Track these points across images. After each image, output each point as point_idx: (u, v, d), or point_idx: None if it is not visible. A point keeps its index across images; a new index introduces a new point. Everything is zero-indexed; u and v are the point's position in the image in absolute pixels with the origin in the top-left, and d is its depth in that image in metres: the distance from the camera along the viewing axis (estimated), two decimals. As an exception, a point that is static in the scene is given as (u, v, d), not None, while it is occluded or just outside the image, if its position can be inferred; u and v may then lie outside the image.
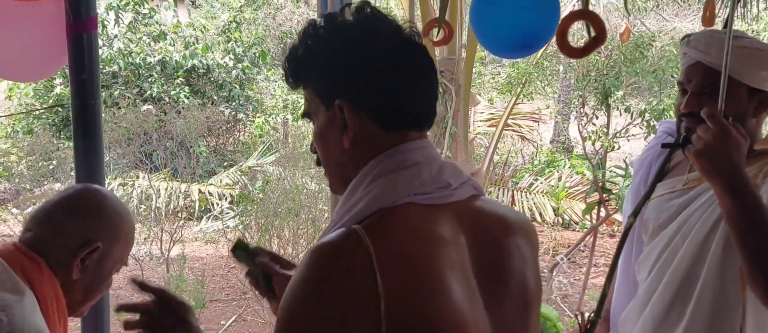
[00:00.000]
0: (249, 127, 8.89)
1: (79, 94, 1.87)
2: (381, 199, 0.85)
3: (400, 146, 0.89)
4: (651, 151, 1.68)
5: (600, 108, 4.55)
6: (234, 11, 9.20)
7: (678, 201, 1.49)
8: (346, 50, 0.88)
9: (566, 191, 7.12)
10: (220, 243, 6.17)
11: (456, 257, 0.86)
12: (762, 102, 1.39)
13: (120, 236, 1.26)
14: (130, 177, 6.41)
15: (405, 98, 0.89)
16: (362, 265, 0.78)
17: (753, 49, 1.37)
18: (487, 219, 0.93)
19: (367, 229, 0.82)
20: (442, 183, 0.89)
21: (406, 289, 0.80)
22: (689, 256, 1.42)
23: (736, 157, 1.23)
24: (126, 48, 7.90)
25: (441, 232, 0.86)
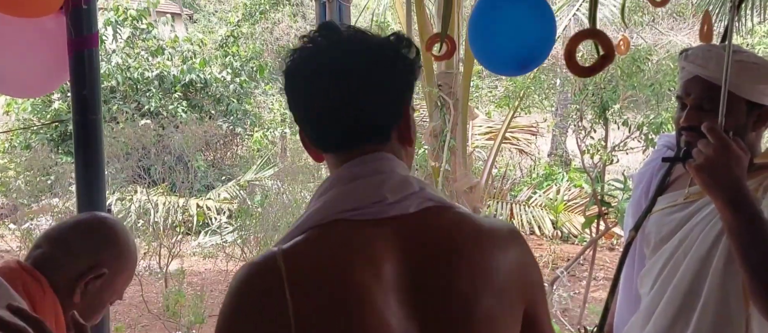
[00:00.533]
0: (247, 141, 8.89)
1: (80, 110, 1.88)
2: (314, 217, 0.89)
3: (345, 165, 0.91)
4: (651, 165, 1.68)
5: (598, 121, 4.57)
6: (231, 26, 9.25)
7: (679, 215, 1.49)
8: (285, 81, 0.93)
9: (565, 204, 7.12)
10: (218, 258, 6.15)
11: (384, 275, 0.85)
12: (761, 116, 1.40)
13: (125, 268, 1.28)
14: (128, 192, 6.39)
15: (325, 123, 0.91)
16: (274, 287, 0.82)
17: (751, 63, 1.37)
18: (436, 238, 0.89)
19: (287, 251, 0.85)
20: (377, 198, 0.88)
21: (319, 309, 0.82)
22: (691, 271, 1.42)
23: (737, 171, 1.23)
24: (124, 63, 7.92)
25: (368, 250, 0.85)
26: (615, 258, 6.58)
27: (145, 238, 5.62)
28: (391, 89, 0.91)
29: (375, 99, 0.90)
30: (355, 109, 0.89)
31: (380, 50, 0.90)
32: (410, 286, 0.86)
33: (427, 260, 0.87)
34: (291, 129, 8.55)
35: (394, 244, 0.87)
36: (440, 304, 0.86)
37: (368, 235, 0.87)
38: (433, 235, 0.90)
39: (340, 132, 0.91)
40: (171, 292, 5.19)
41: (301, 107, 0.92)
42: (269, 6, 10.36)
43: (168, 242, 5.62)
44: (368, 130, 0.91)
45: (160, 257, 5.47)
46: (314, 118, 0.92)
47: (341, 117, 0.90)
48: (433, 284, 0.87)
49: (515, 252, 0.94)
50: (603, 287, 5.72)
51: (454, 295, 0.87)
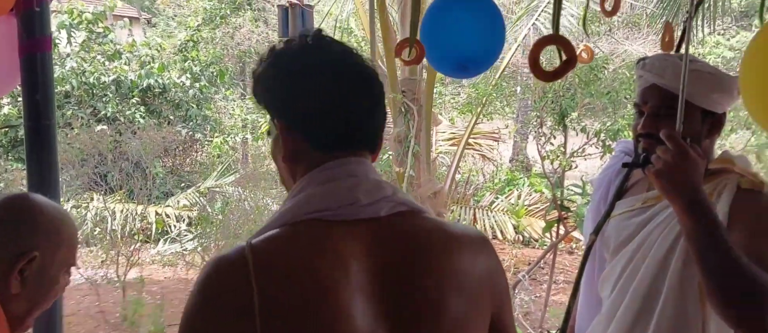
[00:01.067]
0: (207, 147, 8.75)
1: (33, 115, 1.81)
2: (287, 215, 0.90)
3: (326, 164, 0.92)
4: (610, 170, 1.71)
5: (557, 128, 4.66)
6: (191, 30, 9.10)
7: (637, 219, 1.52)
8: (282, 73, 0.93)
9: (526, 209, 7.23)
10: (178, 266, 6.02)
11: (354, 274, 0.85)
12: (715, 124, 1.44)
13: (60, 241, 1.21)
14: (84, 199, 6.21)
15: (336, 120, 0.92)
16: (240, 279, 0.82)
17: (706, 73, 1.41)
18: (407, 239, 0.91)
19: (256, 244, 0.86)
20: (350, 200, 0.89)
21: (284, 304, 0.82)
22: (650, 273, 1.45)
23: (694, 177, 1.26)
24: (79, 67, 7.71)
25: (339, 248, 0.87)
26: (574, 261, 6.72)
27: (103, 247, 5.47)
28: (381, 103, 0.97)
29: (376, 111, 0.96)
30: (365, 115, 0.94)
31: (371, 70, 0.96)
32: (379, 288, 0.87)
33: (397, 263, 0.88)
34: (252, 134, 8.46)
35: (364, 246, 0.88)
36: (409, 306, 0.87)
37: (338, 235, 0.88)
38: (404, 238, 0.91)
39: (349, 132, 0.93)
40: (129, 302, 5.06)
41: (307, 100, 0.92)
42: (230, 10, 10.24)
43: (126, 250, 5.48)
44: (369, 136, 0.96)
45: (118, 266, 5.32)
46: (324, 113, 0.92)
47: (355, 118, 0.93)
48: (402, 287, 0.88)
49: (485, 258, 0.95)
50: (563, 290, 5.82)
51: (422, 297, 0.88)
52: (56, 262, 1.20)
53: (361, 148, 0.95)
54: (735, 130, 7.03)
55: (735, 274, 1.20)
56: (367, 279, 0.86)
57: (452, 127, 8.33)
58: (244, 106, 9.10)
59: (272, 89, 0.94)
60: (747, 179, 1.37)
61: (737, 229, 1.29)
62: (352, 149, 0.94)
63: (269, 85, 0.94)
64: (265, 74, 0.95)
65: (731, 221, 1.32)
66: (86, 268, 5.23)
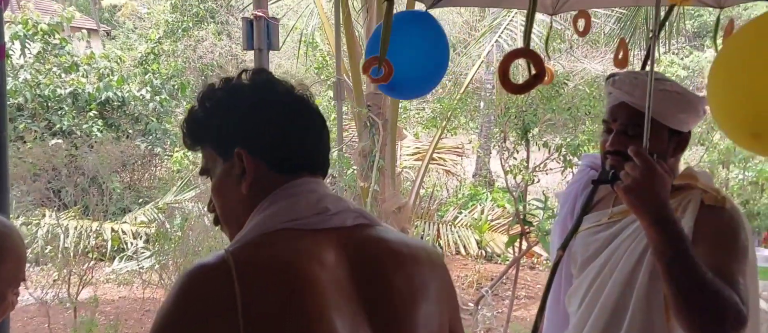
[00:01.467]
0: (166, 162, 8.56)
1: (-20, 126, 1.73)
2: (259, 227, 0.93)
3: (288, 184, 0.97)
4: (576, 185, 1.73)
5: (520, 143, 4.72)
6: (152, 43, 8.94)
7: (604, 234, 1.54)
8: (242, 103, 0.98)
9: (489, 224, 7.28)
10: (134, 285, 5.84)
11: (328, 275, 0.89)
12: (680, 143, 1.47)
13: (4, 259, 1.16)
14: (35, 216, 5.98)
15: (296, 145, 0.99)
16: (223, 283, 0.84)
17: (674, 92, 1.44)
18: (373, 248, 0.97)
19: (235, 250, 0.89)
20: (319, 209, 0.95)
21: (268, 303, 0.84)
22: (618, 287, 1.47)
23: (662, 193, 1.28)
24: (33, 79, 7.46)
25: (313, 251, 0.91)
26: (536, 276, 6.78)
27: (55, 265, 5.26)
28: (326, 129, 1.04)
29: (325, 141, 1.03)
30: (317, 142, 1.01)
31: (315, 106, 1.03)
32: (355, 286, 0.91)
33: (369, 267, 0.94)
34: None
35: (336, 252, 0.93)
36: (385, 305, 0.92)
37: (312, 241, 0.92)
38: (372, 246, 0.97)
39: (305, 156, 1.00)
40: (81, 323, 4.86)
41: (271, 129, 0.97)
42: (193, 23, 10.10)
43: (79, 269, 5.28)
44: (323, 161, 1.02)
45: (70, 285, 5.12)
46: (285, 138, 0.98)
47: (310, 144, 1.00)
48: (377, 287, 0.93)
49: (440, 271, 1.03)
50: (525, 306, 5.86)
51: (397, 300, 0.93)
52: (1, 281, 1.14)
53: (316, 169, 1.01)
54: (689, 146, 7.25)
55: (699, 288, 1.22)
56: (344, 276, 0.91)
57: (417, 141, 8.35)
58: (205, 121, 8.94)
59: (231, 119, 0.97)
60: (710, 195, 1.41)
61: (701, 244, 1.32)
62: (312, 172, 1.00)
63: (228, 115, 0.97)
64: (219, 107, 0.98)
65: (695, 236, 1.35)
66: (36, 287, 5.02)
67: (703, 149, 7.39)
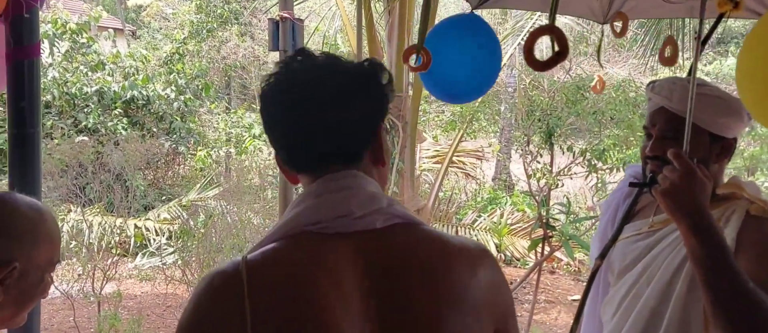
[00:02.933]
0: (190, 160, 8.67)
1: (17, 122, 1.79)
2: (281, 229, 0.91)
3: (317, 181, 0.93)
4: (618, 194, 1.71)
5: (544, 146, 4.69)
6: (177, 43, 9.07)
7: (644, 243, 1.51)
8: (262, 104, 0.96)
9: (508, 228, 7.24)
10: (157, 280, 5.92)
11: (345, 287, 0.86)
12: (724, 148, 1.44)
13: (39, 243, 1.16)
14: (62, 211, 6.09)
15: (295, 145, 0.93)
16: (234, 295, 0.84)
17: (713, 97, 1.42)
18: (399, 255, 0.89)
19: (251, 259, 0.88)
20: (342, 212, 0.89)
21: (276, 323, 0.83)
22: (655, 297, 1.44)
23: (700, 197, 1.25)
24: (61, 77, 7.61)
25: (331, 262, 0.87)
26: (557, 281, 6.73)
27: (80, 260, 5.36)
28: (363, 114, 0.92)
29: (346, 124, 0.91)
30: (326, 133, 0.91)
31: (353, 76, 0.92)
32: (374, 305, 0.86)
33: (391, 277, 0.87)
34: (236, 148, 8.40)
35: (357, 259, 0.87)
36: (403, 322, 0.86)
37: (333, 248, 0.88)
38: (399, 251, 0.90)
39: (311, 155, 0.93)
40: (105, 317, 4.95)
41: (275, 130, 0.94)
42: (217, 24, 10.22)
43: (103, 264, 5.37)
44: (339, 153, 0.93)
45: (94, 280, 5.22)
46: (287, 141, 0.94)
47: (313, 141, 0.92)
48: (397, 302, 0.86)
49: (486, 272, 0.93)
50: (544, 310, 5.83)
51: (419, 313, 0.86)
52: (38, 263, 1.16)
53: (337, 164, 0.92)
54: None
55: (739, 297, 1.19)
56: (361, 296, 0.85)
57: (436, 144, 8.35)
58: (228, 120, 9.04)
59: (262, 117, 0.97)
60: (756, 206, 1.37)
61: (744, 255, 1.29)
62: (326, 170, 0.92)
63: (262, 114, 0.96)
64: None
65: (738, 247, 1.31)
66: (61, 281, 5.11)
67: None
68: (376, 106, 0.94)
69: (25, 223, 1.16)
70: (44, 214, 1.20)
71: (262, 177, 6.87)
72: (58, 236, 1.23)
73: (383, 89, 0.94)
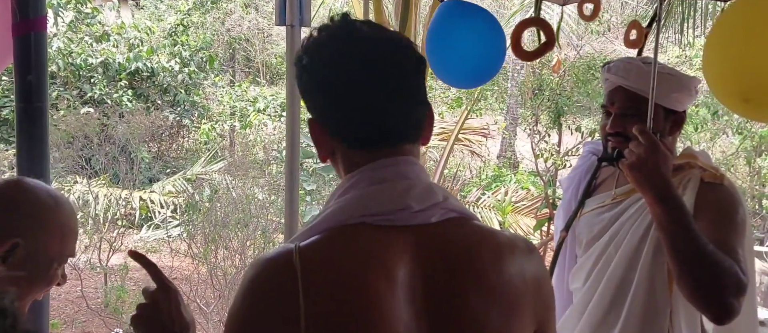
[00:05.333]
0: (194, 133, 8.66)
1: (25, 96, 1.77)
2: (336, 216, 0.86)
3: (371, 164, 0.88)
4: (578, 170, 1.80)
5: (553, 127, 4.65)
6: (181, 14, 8.98)
7: (609, 214, 1.60)
8: (310, 68, 0.88)
9: (512, 206, 7.25)
10: (162, 252, 5.96)
11: (400, 284, 0.83)
12: (676, 121, 1.53)
13: (50, 229, 1.15)
14: (67, 182, 6.12)
15: (364, 118, 0.87)
16: (287, 286, 0.80)
17: (666, 74, 1.50)
18: (454, 248, 0.87)
19: (304, 248, 0.83)
20: (402, 205, 0.85)
21: (330, 314, 0.80)
22: (623, 263, 1.53)
23: (665, 169, 1.34)
24: (66, 48, 7.58)
25: (387, 257, 0.84)
26: (560, 259, 6.75)
27: (86, 231, 5.39)
28: (422, 86, 0.90)
29: (414, 95, 0.88)
30: (399, 104, 0.87)
31: (406, 48, 0.88)
32: (424, 298, 0.84)
33: (443, 273, 0.85)
34: (241, 122, 8.38)
35: (413, 254, 0.85)
36: (452, 318, 0.85)
37: (388, 242, 0.85)
38: (452, 247, 0.87)
39: (381, 128, 0.87)
40: (112, 288, 5.00)
41: (332, 98, 0.87)
42: (221, -5, 10.13)
43: (108, 236, 5.41)
44: (408, 127, 0.89)
45: (100, 251, 5.26)
46: (352, 111, 0.87)
47: (386, 112, 0.87)
48: (447, 298, 0.85)
49: (532, 268, 0.92)
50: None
51: (466, 310, 0.85)
52: (47, 249, 1.14)
53: (402, 141, 0.89)
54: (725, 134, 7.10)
55: (702, 259, 1.29)
56: (413, 290, 0.84)
57: (442, 121, 8.32)
58: (232, 94, 9.00)
59: (301, 84, 0.89)
60: (709, 173, 1.48)
61: (701, 219, 1.38)
62: (391, 145, 0.88)
63: (300, 79, 0.89)
64: (296, 67, 0.89)
65: (696, 212, 1.40)
66: (69, 252, 5.16)
67: (740, 138, 7.25)
68: (424, 79, 0.91)
69: (36, 206, 1.14)
70: (62, 204, 1.19)
71: (266, 152, 6.87)
72: (74, 230, 1.21)
73: (424, 63, 0.92)
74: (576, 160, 1.97)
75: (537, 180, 7.90)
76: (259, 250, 4.68)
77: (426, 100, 0.91)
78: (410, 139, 0.90)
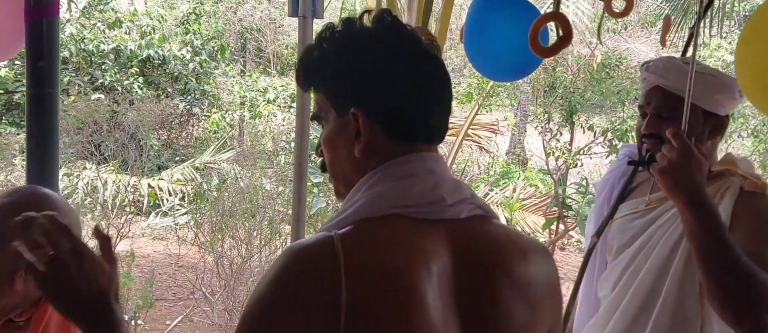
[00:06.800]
0: (204, 122, 8.68)
1: (36, 82, 1.77)
2: (368, 208, 0.85)
3: (404, 157, 0.88)
4: (613, 173, 1.73)
5: (565, 125, 4.61)
6: (194, 2, 8.99)
7: (641, 221, 1.54)
8: (362, 57, 0.88)
9: (520, 203, 7.21)
10: (169, 240, 5.98)
11: (435, 275, 0.83)
12: (716, 125, 1.46)
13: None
14: (77, 167, 6.15)
15: (416, 110, 0.89)
16: (329, 272, 0.78)
17: (707, 74, 1.44)
18: (484, 249, 0.88)
19: (345, 237, 0.81)
20: (434, 198, 0.86)
21: (372, 302, 0.79)
22: (652, 273, 1.47)
23: (698, 175, 1.28)
24: (79, 34, 7.60)
25: (423, 248, 0.84)
26: (566, 257, 6.73)
27: (94, 217, 5.42)
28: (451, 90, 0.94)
29: (450, 103, 0.93)
30: (443, 106, 0.91)
31: (437, 53, 0.92)
32: (456, 291, 0.85)
33: (474, 267, 0.86)
34: (250, 112, 8.39)
35: (445, 247, 0.86)
36: (482, 312, 0.86)
37: (423, 234, 0.85)
38: (480, 243, 0.89)
39: (426, 123, 0.90)
40: (119, 275, 5.01)
41: (390, 86, 0.87)
42: (234, -16, 10.12)
43: (116, 222, 5.43)
44: (443, 128, 0.93)
45: (109, 238, 5.27)
46: (409, 102, 0.88)
47: (433, 109, 0.90)
48: (478, 292, 0.86)
49: (548, 271, 0.94)
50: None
51: (495, 304, 0.86)
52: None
53: (436, 140, 0.92)
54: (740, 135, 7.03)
55: (733, 271, 1.22)
56: (447, 281, 0.84)
57: (451, 116, 8.27)
58: (243, 83, 9.00)
59: (349, 73, 0.88)
60: (750, 181, 1.40)
61: (739, 229, 1.32)
62: (428, 142, 0.90)
63: (346, 68, 0.88)
64: (338, 56, 0.88)
65: (733, 222, 1.35)
66: (76, 237, 5.18)
67: (755, 141, 7.17)
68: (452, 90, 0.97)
69: (69, 218, 1.16)
70: (72, 211, 1.23)
71: (275, 142, 6.87)
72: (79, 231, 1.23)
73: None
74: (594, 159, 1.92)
75: (546, 178, 7.86)
76: (265, 241, 4.69)
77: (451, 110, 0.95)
78: (440, 140, 0.93)
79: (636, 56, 8.43)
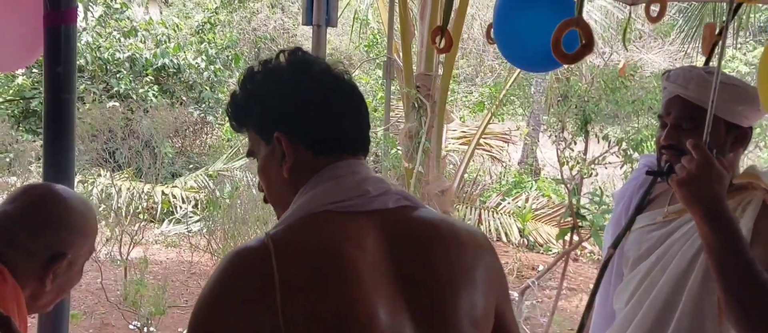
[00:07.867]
0: (217, 130, 8.74)
1: (53, 87, 1.78)
2: (301, 209, 0.94)
3: (330, 166, 0.97)
4: (632, 183, 1.69)
5: (579, 134, 4.58)
6: (209, 12, 9.08)
7: (658, 233, 1.50)
8: (279, 88, 0.98)
9: (532, 213, 7.17)
10: (182, 247, 6.01)
11: (370, 255, 0.89)
12: (739, 137, 1.42)
13: (87, 236, 1.22)
14: (91, 174, 6.20)
15: (334, 126, 0.98)
16: (260, 260, 0.85)
17: (730, 85, 1.40)
18: (415, 231, 0.96)
19: (276, 233, 0.90)
20: (360, 191, 0.95)
21: (305, 280, 0.85)
22: (669, 286, 1.43)
23: (718, 188, 1.24)
24: (94, 42, 7.69)
25: (354, 234, 0.91)
26: (579, 269, 6.67)
27: (108, 224, 5.46)
28: (366, 109, 1.03)
29: (367, 118, 1.03)
30: (362, 123, 1.01)
31: (349, 78, 1.02)
32: (395, 275, 0.90)
33: (410, 250, 0.93)
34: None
35: (378, 234, 0.92)
36: (426, 293, 0.91)
37: (354, 223, 0.92)
38: (415, 228, 0.96)
39: (345, 136, 0.99)
40: (131, 281, 5.04)
41: (310, 109, 0.97)
42: (248, -6, 10.21)
43: (130, 229, 5.46)
44: (364, 140, 1.02)
45: (121, 244, 5.31)
46: (326, 120, 0.97)
47: (350, 123, 1.00)
48: (418, 274, 0.92)
49: (488, 255, 1.00)
50: (566, 297, 5.78)
51: (437, 285, 0.92)
52: (83, 254, 1.22)
53: (360, 150, 1.00)
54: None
55: (754, 288, 1.18)
56: (384, 260, 0.90)
57: (463, 125, 8.27)
58: (256, 93, 9.06)
59: (269, 103, 0.97)
60: None
61: (760, 244, 1.28)
62: (353, 153, 0.99)
63: (266, 99, 0.97)
64: (258, 91, 0.98)
65: (754, 236, 1.31)
66: (91, 244, 5.22)
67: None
68: (366, 109, 1.05)
69: (78, 218, 1.20)
70: (90, 207, 1.26)
71: (287, 151, 6.88)
72: (97, 229, 1.27)
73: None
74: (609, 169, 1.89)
75: (558, 188, 7.81)
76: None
77: (368, 126, 1.04)
78: (363, 151, 1.01)
79: (650, 67, 8.38)
